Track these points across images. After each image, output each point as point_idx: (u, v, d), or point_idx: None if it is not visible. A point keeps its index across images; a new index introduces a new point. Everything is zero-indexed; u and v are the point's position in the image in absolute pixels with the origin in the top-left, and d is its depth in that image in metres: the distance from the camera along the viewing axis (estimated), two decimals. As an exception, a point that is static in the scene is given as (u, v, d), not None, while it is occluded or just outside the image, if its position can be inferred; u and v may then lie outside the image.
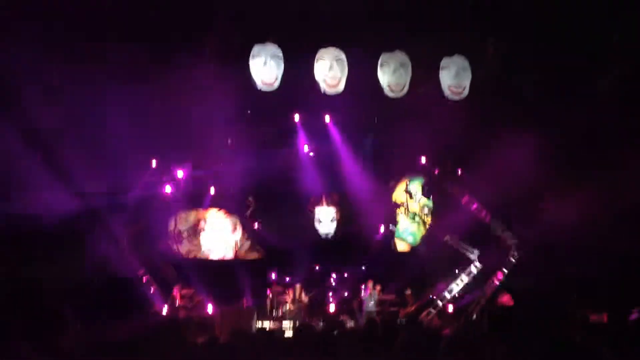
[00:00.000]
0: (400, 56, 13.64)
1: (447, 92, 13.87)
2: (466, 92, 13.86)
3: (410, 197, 17.58)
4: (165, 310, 14.20)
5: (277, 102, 13.93)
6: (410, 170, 17.37)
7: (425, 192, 17.17)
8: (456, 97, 13.88)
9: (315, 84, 13.48)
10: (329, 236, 17.29)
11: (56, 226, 12.93)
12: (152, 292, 14.89)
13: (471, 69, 13.80)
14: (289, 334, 12.85)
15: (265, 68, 13.20)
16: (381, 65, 13.69)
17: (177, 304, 14.42)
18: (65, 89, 12.43)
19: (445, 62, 13.82)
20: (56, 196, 12.92)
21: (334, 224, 17.29)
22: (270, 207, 16.48)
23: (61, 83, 12.37)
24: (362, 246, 16.28)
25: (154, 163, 15.46)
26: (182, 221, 16.70)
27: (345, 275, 16.67)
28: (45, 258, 12.59)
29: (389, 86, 13.77)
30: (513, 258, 15.57)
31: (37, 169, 12.54)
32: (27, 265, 12.41)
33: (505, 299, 14.17)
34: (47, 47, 11.32)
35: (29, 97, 11.80)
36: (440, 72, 13.86)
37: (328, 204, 17.34)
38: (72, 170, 13.00)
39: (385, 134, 15.78)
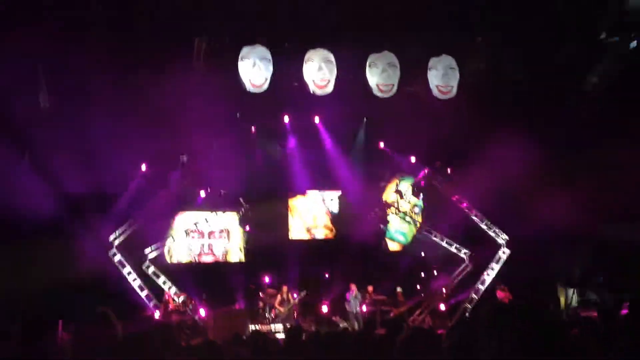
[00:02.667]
0: (388, 56, 13.68)
1: (435, 92, 13.93)
2: (454, 91, 13.92)
3: (401, 196, 17.64)
4: (157, 315, 14.14)
5: (266, 104, 13.93)
6: (400, 169, 17.44)
7: (415, 192, 17.22)
8: (444, 97, 13.94)
9: (304, 85, 13.49)
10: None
11: (38, 227, 12.75)
12: (144, 295, 14.80)
13: (459, 68, 13.87)
14: (280, 336, 12.84)
15: (254, 70, 13.19)
16: (369, 66, 13.72)
17: (169, 308, 14.38)
18: (50, 87, 12.35)
19: (433, 62, 13.88)
20: (38, 196, 12.68)
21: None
22: (261, 208, 16.44)
23: (46, 80, 12.28)
24: (353, 247, 16.27)
25: (143, 167, 15.39)
26: (172, 224, 16.64)
27: (335, 276, 16.67)
28: (28, 260, 12.32)
29: (377, 86, 13.81)
30: (504, 254, 15.64)
31: (18, 167, 12.32)
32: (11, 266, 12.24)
33: (501, 295, 14.25)
34: (32, 43, 11.15)
35: (12, 96, 11.62)
36: (429, 72, 13.92)
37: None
38: (56, 169, 12.82)
39: (374, 134, 15.85)
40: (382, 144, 16.61)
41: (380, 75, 13.75)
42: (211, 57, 13.00)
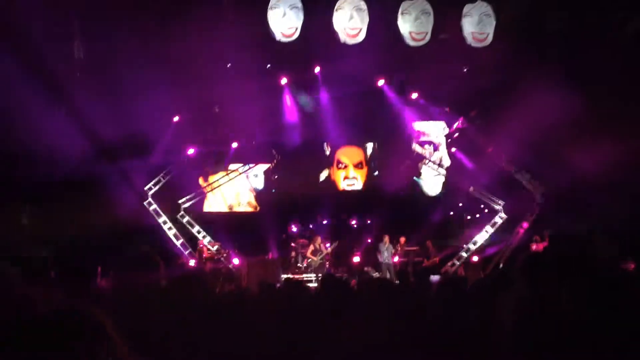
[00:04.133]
0: (421, 4, 13.34)
1: (470, 40, 13.58)
2: (490, 39, 13.56)
3: (434, 148, 17.48)
4: (192, 263, 14.43)
5: (296, 53, 13.76)
6: (434, 119, 17.23)
7: (449, 142, 17.02)
8: (480, 45, 13.60)
9: (334, 34, 13.29)
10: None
11: (75, 176, 12.93)
12: (179, 244, 15.05)
13: (495, 15, 13.46)
14: (313, 285, 13.02)
15: (284, 19, 13.02)
16: (402, 14, 13.42)
17: (204, 256, 14.64)
18: (83, 37, 12.37)
19: (467, 8, 13.50)
20: (74, 145, 12.76)
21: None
22: (294, 159, 16.46)
23: (80, 30, 12.29)
24: (385, 197, 16.23)
25: (176, 118, 15.46)
26: (206, 175, 16.82)
27: (367, 226, 16.72)
28: (65, 209, 12.45)
29: (410, 34, 13.52)
30: (539, 207, 15.33)
31: (52, 112, 12.37)
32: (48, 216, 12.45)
33: (535, 247, 14.09)
34: None
35: (46, 39, 11.64)
36: (463, 19, 13.55)
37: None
38: (90, 119, 12.81)
39: (408, 83, 15.56)
40: (414, 95, 16.28)
41: (413, 23, 13.46)
42: (240, 6, 12.87)
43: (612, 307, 2.70)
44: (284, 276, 13.68)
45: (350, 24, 13.31)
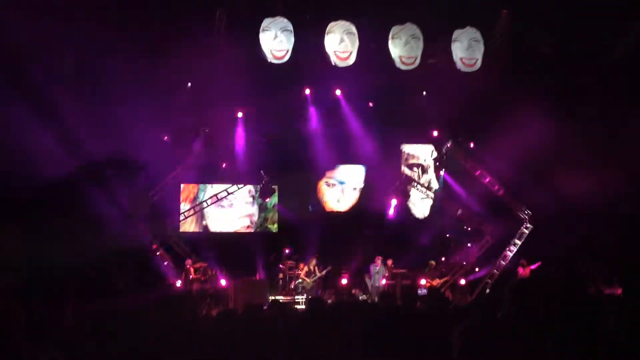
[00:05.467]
0: (411, 28, 13.51)
1: (459, 64, 13.75)
2: (479, 64, 13.73)
3: (422, 170, 17.58)
4: (179, 283, 14.31)
5: (287, 76, 13.86)
6: (422, 143, 17.36)
7: (437, 166, 17.10)
8: (469, 69, 13.76)
9: (325, 57, 13.41)
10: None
11: (59, 193, 12.61)
12: (165, 265, 14.90)
13: (483, 40, 13.65)
14: (301, 307, 12.98)
15: (276, 41, 13.15)
16: (392, 38, 13.58)
17: (190, 277, 14.53)
18: (74, 53, 12.36)
19: (457, 34, 13.68)
20: (59, 162, 12.42)
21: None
22: (283, 181, 16.49)
23: (71, 46, 12.28)
24: (374, 220, 16.25)
25: (165, 138, 15.45)
26: (193, 194, 16.80)
27: (355, 249, 16.70)
28: (46, 229, 12.09)
29: (400, 58, 13.67)
30: (526, 230, 15.38)
31: (40, 131, 12.16)
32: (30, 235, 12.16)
33: (521, 271, 14.14)
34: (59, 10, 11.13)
35: (31, 52, 11.57)
36: (452, 44, 13.73)
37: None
38: (78, 136, 12.60)
39: (396, 106, 15.67)
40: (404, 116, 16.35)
41: (403, 48, 13.60)
42: (232, 29, 12.98)
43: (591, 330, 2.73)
44: (272, 298, 13.63)
45: (341, 47, 13.45)
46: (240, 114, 15.60)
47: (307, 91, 15.66)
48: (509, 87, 14.09)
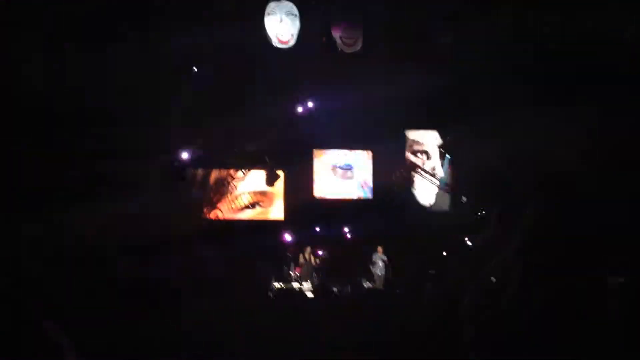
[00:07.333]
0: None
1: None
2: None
3: (427, 157, 17.45)
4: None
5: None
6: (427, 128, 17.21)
7: (443, 152, 16.97)
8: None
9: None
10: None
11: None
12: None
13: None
14: (307, 294, 12.96)
15: (282, 25, 13.02)
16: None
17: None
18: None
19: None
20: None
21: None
22: (286, 166, 16.35)
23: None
24: (379, 207, 16.16)
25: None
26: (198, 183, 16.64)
27: (360, 236, 16.64)
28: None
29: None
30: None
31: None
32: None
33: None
34: None
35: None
36: None
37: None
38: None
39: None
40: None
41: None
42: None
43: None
44: (275, 285, 13.62)
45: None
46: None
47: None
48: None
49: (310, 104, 16.00)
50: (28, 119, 10.68)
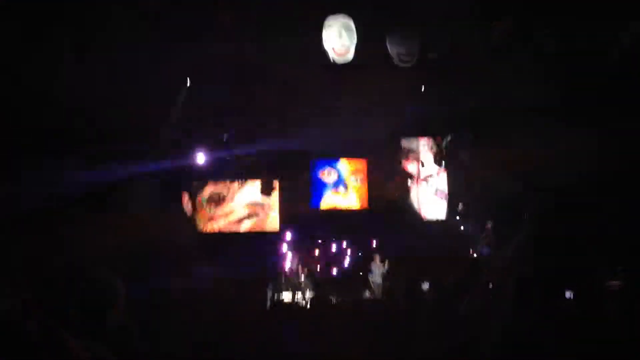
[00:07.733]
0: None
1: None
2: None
3: (422, 166, 17.41)
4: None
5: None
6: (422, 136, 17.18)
7: (438, 161, 16.93)
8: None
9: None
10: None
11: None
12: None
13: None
14: (302, 305, 12.90)
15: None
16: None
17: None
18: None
19: None
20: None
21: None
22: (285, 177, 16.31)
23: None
24: (375, 217, 16.13)
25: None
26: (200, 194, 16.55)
27: (357, 246, 16.61)
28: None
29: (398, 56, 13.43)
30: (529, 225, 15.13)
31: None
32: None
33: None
34: None
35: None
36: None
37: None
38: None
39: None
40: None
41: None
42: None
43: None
44: (269, 295, 13.57)
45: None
46: None
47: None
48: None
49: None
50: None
